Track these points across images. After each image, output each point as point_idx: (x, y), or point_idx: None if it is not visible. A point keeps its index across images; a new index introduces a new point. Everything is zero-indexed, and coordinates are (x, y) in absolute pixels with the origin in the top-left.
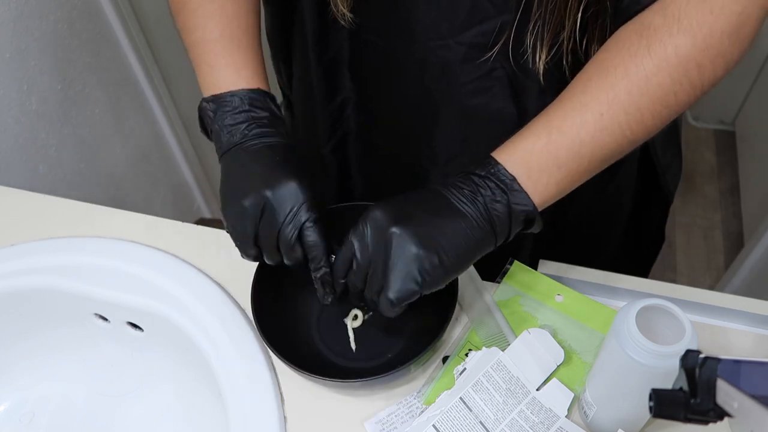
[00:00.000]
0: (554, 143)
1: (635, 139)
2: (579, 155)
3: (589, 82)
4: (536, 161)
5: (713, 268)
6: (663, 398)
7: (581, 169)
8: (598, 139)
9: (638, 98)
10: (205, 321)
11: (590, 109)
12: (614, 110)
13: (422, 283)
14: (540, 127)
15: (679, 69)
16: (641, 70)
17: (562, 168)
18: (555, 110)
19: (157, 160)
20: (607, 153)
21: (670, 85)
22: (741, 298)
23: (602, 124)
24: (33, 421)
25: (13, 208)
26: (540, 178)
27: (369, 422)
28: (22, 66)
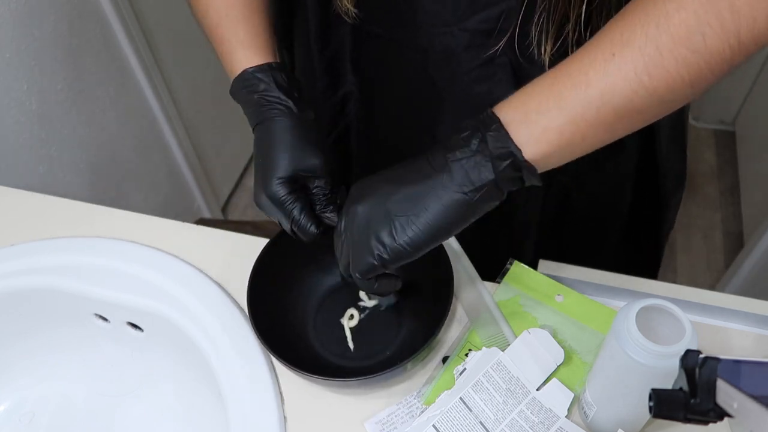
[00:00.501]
0: (558, 83)
1: (657, 88)
2: (586, 99)
3: (604, 29)
4: (535, 102)
5: (713, 268)
6: (663, 398)
7: (589, 117)
8: (609, 82)
9: (657, 37)
10: (205, 321)
11: (600, 49)
12: (628, 50)
13: (382, 256)
14: (547, 73)
15: (707, 6)
16: (661, 7)
17: (563, 111)
18: (567, 59)
19: (157, 160)
20: (621, 101)
21: (696, 25)
22: (741, 298)
23: (614, 65)
24: (33, 421)
25: (13, 208)
26: (538, 120)
27: (369, 422)
28: (22, 66)
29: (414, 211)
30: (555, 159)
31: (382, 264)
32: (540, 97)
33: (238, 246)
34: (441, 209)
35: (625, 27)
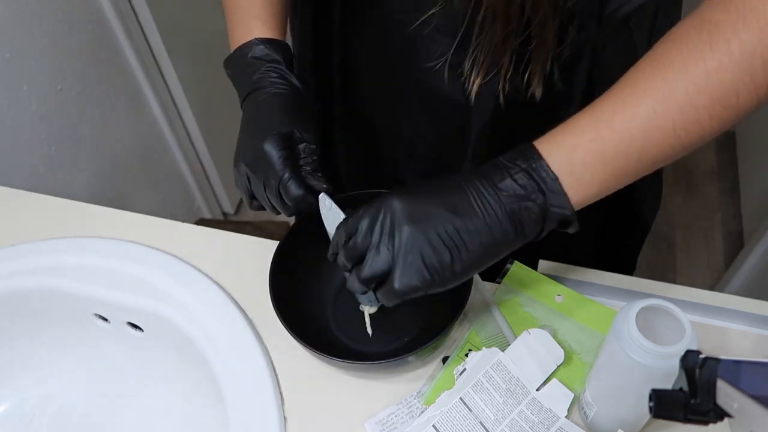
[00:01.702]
0: (602, 138)
1: (689, 142)
2: (627, 154)
3: (641, 75)
4: (581, 157)
5: (713, 268)
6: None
7: (628, 170)
8: (649, 138)
9: (696, 96)
10: (205, 321)
11: (642, 103)
12: (669, 107)
13: (429, 281)
14: (586, 120)
15: (743, 65)
16: (701, 65)
17: (607, 166)
18: (602, 103)
19: (157, 160)
20: (657, 154)
21: (732, 84)
22: (741, 299)
23: (655, 122)
24: (33, 422)
25: (13, 208)
26: (583, 175)
27: (369, 422)
28: (22, 66)
29: (469, 246)
30: (588, 203)
31: (427, 288)
32: (584, 154)
33: (238, 246)
34: (492, 248)
35: (665, 79)
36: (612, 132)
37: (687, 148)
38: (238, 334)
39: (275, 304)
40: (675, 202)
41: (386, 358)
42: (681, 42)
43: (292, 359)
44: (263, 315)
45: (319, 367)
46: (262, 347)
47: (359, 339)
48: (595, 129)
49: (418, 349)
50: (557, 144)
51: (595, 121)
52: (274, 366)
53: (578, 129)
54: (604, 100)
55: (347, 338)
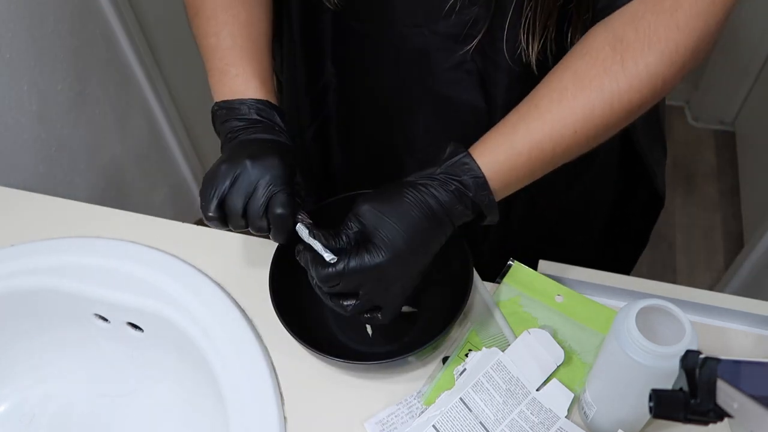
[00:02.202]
0: (534, 160)
1: (595, 146)
2: (550, 165)
3: (566, 93)
4: (515, 175)
5: (713, 268)
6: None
7: (543, 173)
8: (568, 151)
9: (609, 115)
10: (205, 321)
11: (567, 124)
12: (587, 127)
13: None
14: (521, 142)
15: (649, 85)
16: (615, 86)
17: (533, 177)
18: (534, 119)
19: (157, 160)
20: (568, 159)
21: (639, 101)
22: (741, 299)
23: (575, 140)
24: (33, 422)
25: (13, 208)
26: (512, 187)
27: (369, 422)
28: (22, 66)
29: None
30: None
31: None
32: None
33: (237, 246)
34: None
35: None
36: (542, 153)
37: (591, 148)
38: (238, 334)
39: (275, 304)
40: (675, 202)
41: (386, 358)
42: (597, 58)
43: (292, 359)
44: (263, 315)
45: (319, 367)
46: (262, 347)
47: (359, 339)
48: (528, 152)
49: (418, 349)
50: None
51: (528, 142)
52: (274, 366)
53: (515, 151)
54: (534, 115)
55: (347, 338)
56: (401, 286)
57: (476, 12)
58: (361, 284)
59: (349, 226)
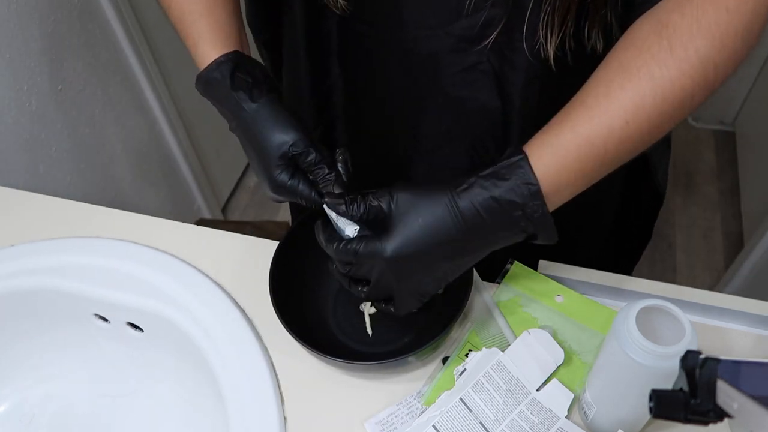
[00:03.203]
0: (584, 158)
1: (652, 141)
2: (603, 164)
3: (612, 84)
4: (565, 176)
5: (713, 268)
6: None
7: (599, 176)
8: (621, 149)
9: (662, 103)
10: (205, 321)
11: (616, 116)
12: (639, 117)
13: (423, 301)
14: (568, 137)
15: (700, 70)
16: (665, 73)
17: (586, 178)
18: (580, 115)
19: (157, 161)
20: (625, 159)
21: (691, 88)
22: (741, 299)
23: (627, 133)
24: (33, 422)
25: (13, 208)
26: (565, 192)
27: (369, 422)
28: (22, 66)
29: (461, 268)
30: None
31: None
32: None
33: (237, 246)
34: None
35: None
36: (592, 149)
37: (648, 146)
38: (238, 334)
39: (275, 304)
40: (675, 202)
41: (386, 358)
42: (643, 47)
43: (292, 359)
44: (263, 315)
45: (319, 367)
46: (262, 347)
47: (359, 339)
48: (577, 148)
49: (418, 350)
50: (547, 164)
51: (575, 137)
52: (274, 366)
53: (563, 148)
54: (580, 110)
55: (347, 338)
56: (413, 286)
57: (492, 11)
58: (371, 270)
59: (379, 197)
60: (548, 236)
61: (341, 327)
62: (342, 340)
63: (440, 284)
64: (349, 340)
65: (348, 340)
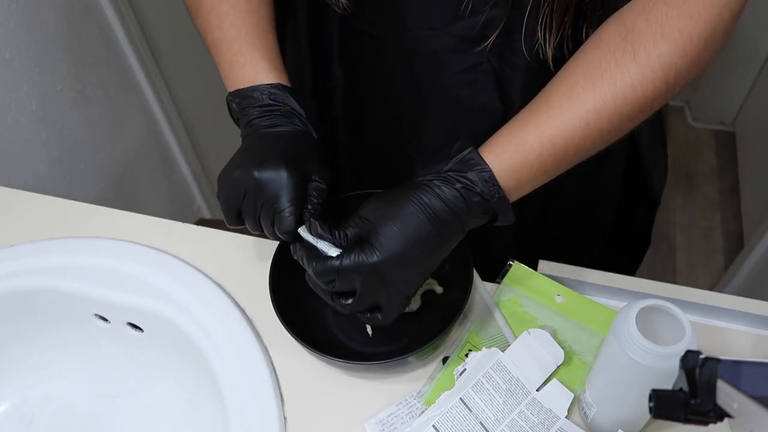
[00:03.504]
0: (545, 156)
1: (610, 141)
2: (563, 162)
3: (576, 86)
4: (527, 173)
5: (713, 268)
6: (663, 399)
7: (558, 172)
8: (581, 147)
9: (622, 107)
10: (205, 321)
11: (578, 117)
12: (600, 120)
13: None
14: (531, 136)
15: (661, 76)
16: (627, 78)
17: (545, 175)
18: (544, 114)
19: (157, 161)
20: (584, 157)
21: (652, 93)
22: (741, 299)
23: (587, 133)
24: (33, 422)
25: (13, 208)
26: (525, 187)
27: (369, 422)
28: (22, 66)
29: (435, 262)
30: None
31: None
32: (530, 171)
33: (237, 246)
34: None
35: (598, 94)
36: (554, 148)
37: (608, 144)
38: (238, 335)
39: (275, 304)
40: (675, 202)
41: (386, 358)
42: (608, 50)
43: (292, 359)
44: (263, 315)
45: (319, 367)
46: (262, 347)
47: (359, 339)
48: (539, 146)
49: (418, 349)
50: (509, 161)
51: (539, 136)
52: (274, 366)
53: (526, 146)
54: (544, 110)
55: (347, 338)
56: (401, 287)
57: (492, 12)
58: (357, 283)
59: (351, 224)
60: (507, 218)
61: (341, 327)
62: (342, 340)
63: (423, 280)
64: (349, 340)
65: (348, 340)
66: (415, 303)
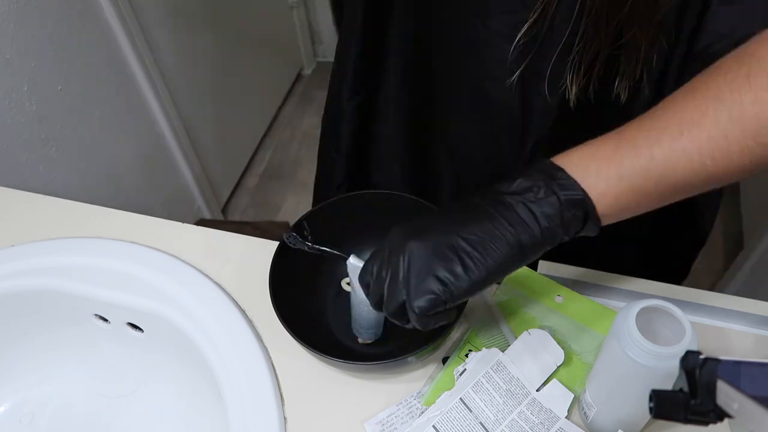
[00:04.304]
0: (621, 153)
1: (716, 172)
2: (646, 172)
3: (673, 102)
4: (595, 166)
5: (713, 268)
6: (663, 399)
7: (647, 190)
8: (672, 160)
9: (727, 125)
10: (205, 322)
11: (669, 125)
12: (697, 132)
13: (446, 293)
14: (609, 137)
15: None
16: (736, 96)
17: (623, 180)
18: (630, 125)
19: (157, 161)
20: (681, 179)
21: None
22: (741, 299)
23: (680, 144)
24: (33, 422)
25: (13, 209)
26: (597, 184)
27: (369, 423)
28: (22, 66)
29: (482, 250)
30: (606, 221)
31: (449, 298)
32: (601, 161)
33: (237, 246)
34: (508, 250)
35: (696, 106)
36: (632, 149)
37: (715, 179)
38: (238, 335)
39: (275, 304)
40: None
41: (386, 359)
42: (720, 73)
43: (292, 359)
44: (263, 315)
45: (319, 368)
46: (262, 347)
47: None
48: (616, 144)
49: (418, 350)
50: (573, 154)
51: (617, 137)
52: (274, 366)
53: (598, 142)
54: (632, 122)
55: (347, 339)
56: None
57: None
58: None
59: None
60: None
61: (341, 327)
62: (342, 340)
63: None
64: (349, 340)
65: (348, 340)
66: None
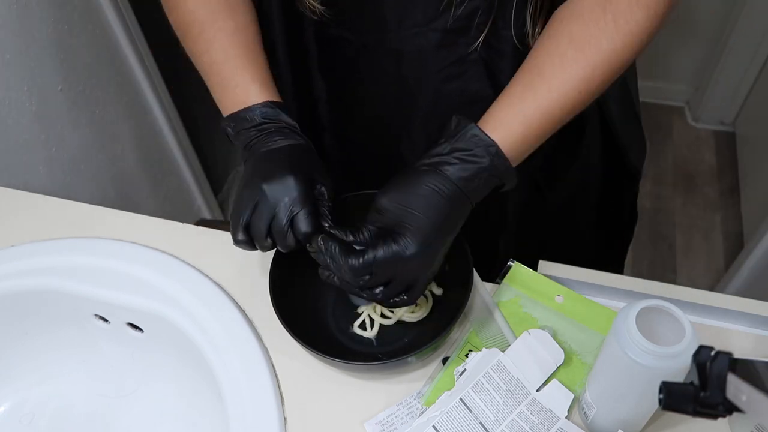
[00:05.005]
0: (545, 126)
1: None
2: (556, 128)
3: (566, 57)
4: (528, 145)
5: (713, 268)
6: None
7: (548, 136)
8: (572, 112)
9: (609, 72)
10: (205, 322)
11: (572, 86)
12: (590, 87)
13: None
14: (531, 108)
15: (639, 41)
16: (611, 45)
17: (541, 140)
18: (539, 87)
19: (157, 161)
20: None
21: (630, 57)
22: (741, 299)
23: (578, 99)
24: (33, 422)
25: (13, 209)
26: (525, 154)
27: (369, 423)
28: (22, 67)
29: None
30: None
31: None
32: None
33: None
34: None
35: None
36: (550, 117)
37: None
38: (238, 334)
39: (275, 304)
40: (675, 202)
41: (386, 359)
42: (590, 20)
43: (292, 359)
44: (263, 315)
45: (319, 368)
46: (262, 347)
47: (359, 339)
48: (539, 118)
49: (419, 350)
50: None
51: (538, 109)
52: (274, 366)
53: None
54: (539, 84)
55: (347, 339)
56: (433, 268)
57: (474, 2)
58: (392, 273)
59: (372, 220)
60: (511, 184)
61: (341, 327)
62: (342, 340)
63: (445, 254)
64: (349, 340)
65: (348, 340)
66: (420, 311)
